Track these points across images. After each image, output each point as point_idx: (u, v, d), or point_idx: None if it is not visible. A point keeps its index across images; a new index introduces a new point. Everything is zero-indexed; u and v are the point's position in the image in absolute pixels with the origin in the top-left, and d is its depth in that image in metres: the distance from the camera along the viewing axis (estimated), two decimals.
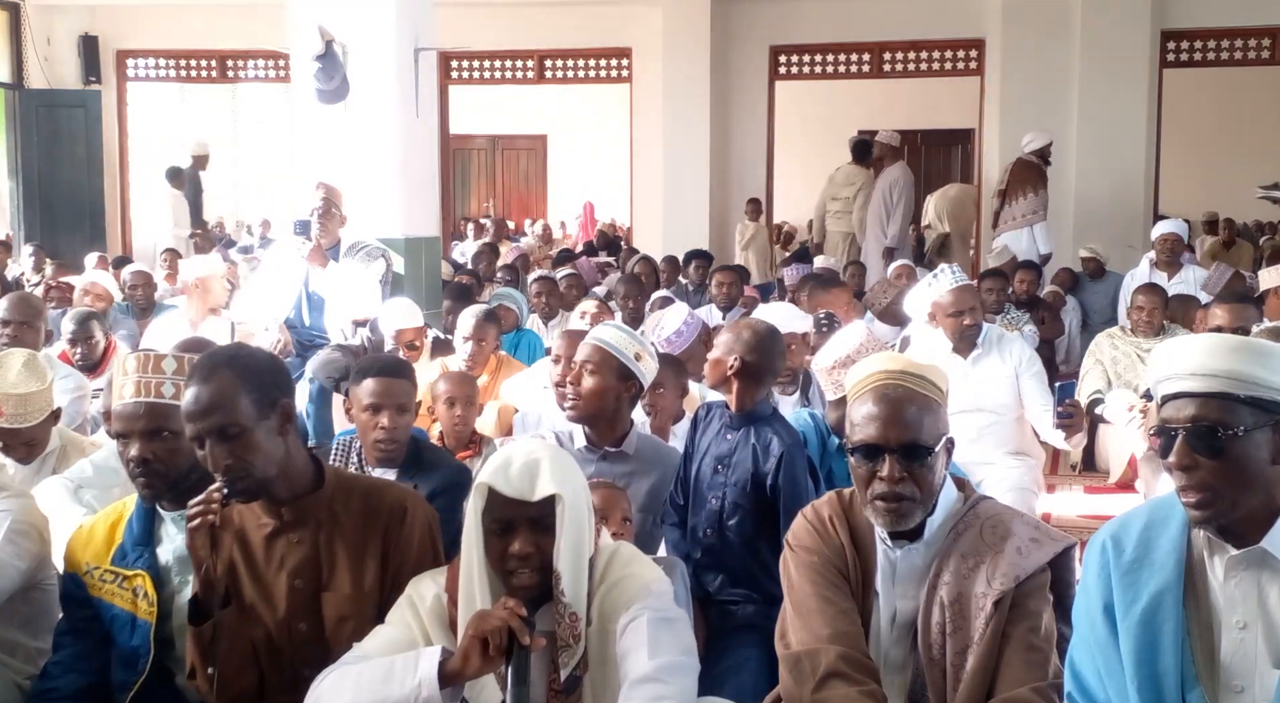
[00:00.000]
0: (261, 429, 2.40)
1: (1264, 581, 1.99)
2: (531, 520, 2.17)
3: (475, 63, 12.70)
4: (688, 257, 9.37)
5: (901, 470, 2.25)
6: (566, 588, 2.17)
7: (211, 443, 2.36)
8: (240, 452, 2.37)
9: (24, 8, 12.25)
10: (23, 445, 3.74)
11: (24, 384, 3.65)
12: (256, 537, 2.50)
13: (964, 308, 4.91)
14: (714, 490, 3.38)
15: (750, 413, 3.40)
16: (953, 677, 2.22)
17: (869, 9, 11.64)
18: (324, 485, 2.53)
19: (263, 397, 2.41)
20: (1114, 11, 10.69)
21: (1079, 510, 5.61)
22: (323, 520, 2.50)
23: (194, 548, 2.38)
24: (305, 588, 2.47)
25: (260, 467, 2.40)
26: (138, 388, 2.60)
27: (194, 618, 2.40)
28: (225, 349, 2.67)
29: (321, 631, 2.45)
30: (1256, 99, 13.35)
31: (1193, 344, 2.01)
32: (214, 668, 2.39)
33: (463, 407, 4.14)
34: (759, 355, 3.39)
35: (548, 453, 2.23)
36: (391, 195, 7.13)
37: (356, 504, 2.52)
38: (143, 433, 2.59)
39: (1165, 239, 8.12)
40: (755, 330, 3.47)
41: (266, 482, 2.42)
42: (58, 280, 8.52)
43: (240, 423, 2.37)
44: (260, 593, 2.48)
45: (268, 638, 2.47)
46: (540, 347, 6.36)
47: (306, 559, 2.48)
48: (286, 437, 2.46)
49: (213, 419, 2.35)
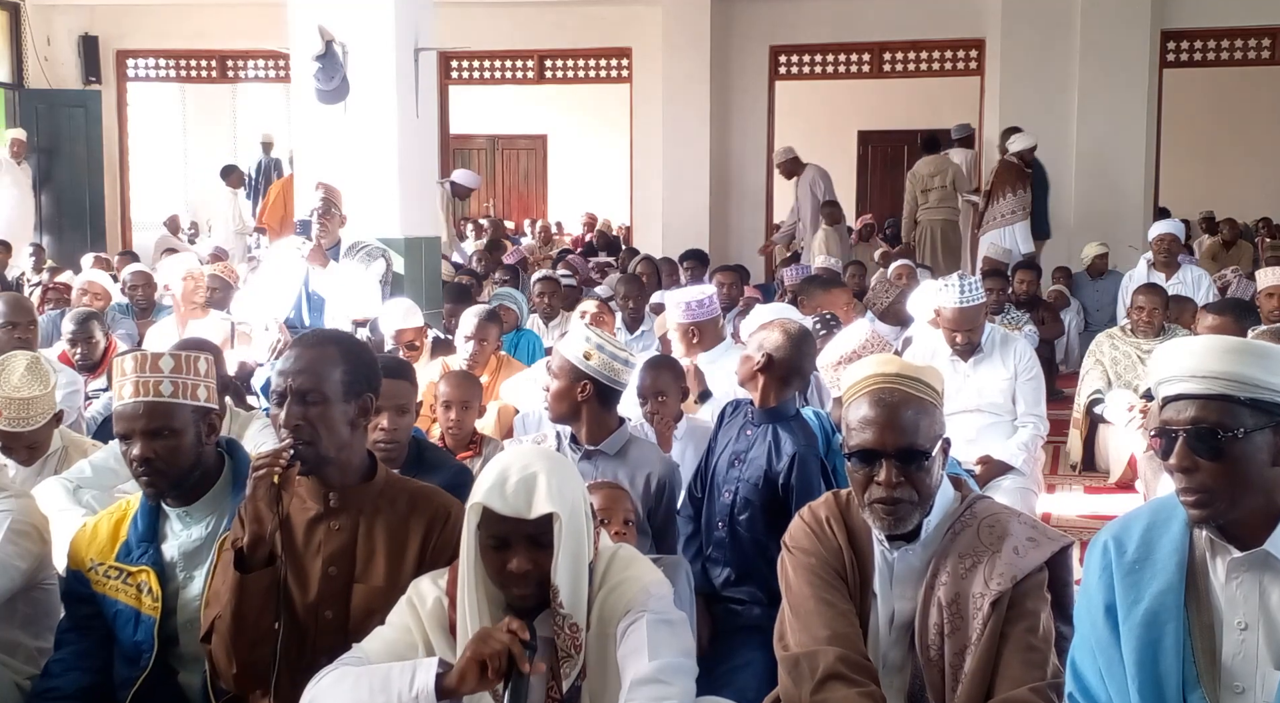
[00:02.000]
0: (339, 409, 2.48)
1: (1265, 582, 1.99)
2: (529, 537, 2.15)
3: (475, 63, 12.70)
4: (682, 257, 9.38)
5: (899, 475, 2.24)
6: (565, 600, 2.16)
7: (291, 401, 2.44)
8: (313, 418, 2.44)
9: (24, 8, 12.25)
10: (25, 448, 3.74)
11: (26, 388, 3.64)
12: (299, 519, 2.52)
13: (962, 328, 4.93)
14: (728, 485, 3.42)
15: (773, 411, 3.44)
16: (951, 677, 2.22)
17: (869, 9, 11.64)
18: (374, 481, 2.56)
19: (354, 382, 2.51)
20: (1114, 11, 10.69)
21: (1079, 510, 5.60)
22: (366, 512, 2.52)
23: (254, 497, 2.39)
24: (339, 576, 2.48)
25: (325, 442, 2.45)
26: (136, 387, 2.60)
27: (238, 565, 2.41)
28: (339, 332, 2.87)
29: (346, 620, 2.45)
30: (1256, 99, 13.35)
31: (1193, 346, 2.01)
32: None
33: (459, 411, 4.13)
34: (787, 355, 3.44)
35: (544, 466, 2.18)
36: (391, 195, 7.13)
37: (402, 503, 2.55)
38: (144, 432, 2.59)
39: (1162, 239, 8.11)
40: (787, 331, 3.52)
41: (326, 459, 2.47)
42: (54, 281, 8.51)
43: (324, 392, 2.46)
44: (294, 575, 2.49)
45: (293, 621, 2.47)
46: (540, 347, 6.36)
47: (344, 548, 2.50)
48: (356, 429, 2.53)
49: (301, 379, 2.45)
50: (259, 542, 2.41)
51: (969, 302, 4.90)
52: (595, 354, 3.47)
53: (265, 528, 2.40)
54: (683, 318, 4.96)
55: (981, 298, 5.00)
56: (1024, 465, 4.92)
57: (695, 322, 4.92)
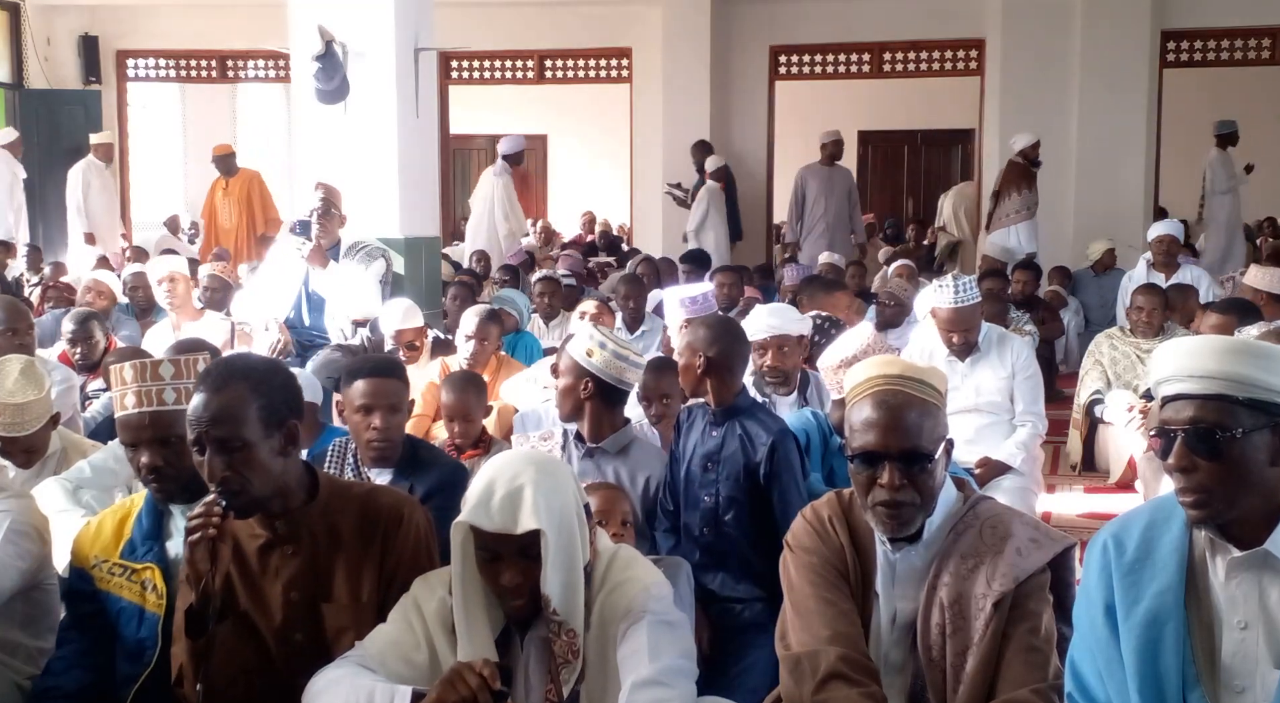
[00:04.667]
0: (265, 447, 2.35)
1: (1265, 581, 1.99)
2: (519, 550, 2.14)
3: (475, 63, 12.69)
4: (682, 258, 9.38)
5: (902, 478, 2.23)
6: (559, 608, 2.16)
7: (212, 452, 2.32)
8: (239, 466, 2.32)
9: (24, 8, 12.25)
10: (22, 452, 3.71)
11: (21, 393, 3.60)
12: (250, 547, 2.47)
13: (958, 328, 4.94)
14: (706, 489, 3.40)
15: (731, 407, 3.44)
16: (953, 678, 2.22)
17: (869, 9, 11.63)
18: (318, 498, 2.48)
19: (272, 415, 2.36)
20: (1114, 11, 10.68)
21: (1079, 510, 5.61)
22: (318, 533, 2.46)
23: (193, 561, 2.34)
24: (301, 600, 2.44)
25: (257, 485, 2.35)
26: (139, 397, 2.59)
27: (189, 631, 2.36)
28: (243, 360, 2.62)
29: (319, 642, 2.42)
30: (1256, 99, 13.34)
31: (1191, 346, 2.01)
32: (201, 684, 2.35)
33: (461, 424, 4.11)
34: (720, 347, 3.44)
35: (531, 476, 2.15)
36: (391, 195, 7.13)
37: (352, 515, 2.48)
38: (150, 441, 2.60)
39: (1161, 240, 8.10)
40: (709, 325, 3.55)
41: (262, 500, 2.38)
42: (56, 280, 8.51)
43: (245, 438, 2.32)
44: (255, 604, 2.45)
45: (263, 649, 2.45)
46: (538, 349, 6.35)
47: (301, 571, 2.45)
48: (287, 457, 2.41)
49: (217, 430, 2.30)
50: (207, 598, 2.37)
51: (964, 302, 4.91)
52: (598, 352, 3.48)
53: (211, 587, 2.36)
54: (682, 314, 5.01)
55: (977, 298, 5.00)
56: (1023, 465, 4.93)
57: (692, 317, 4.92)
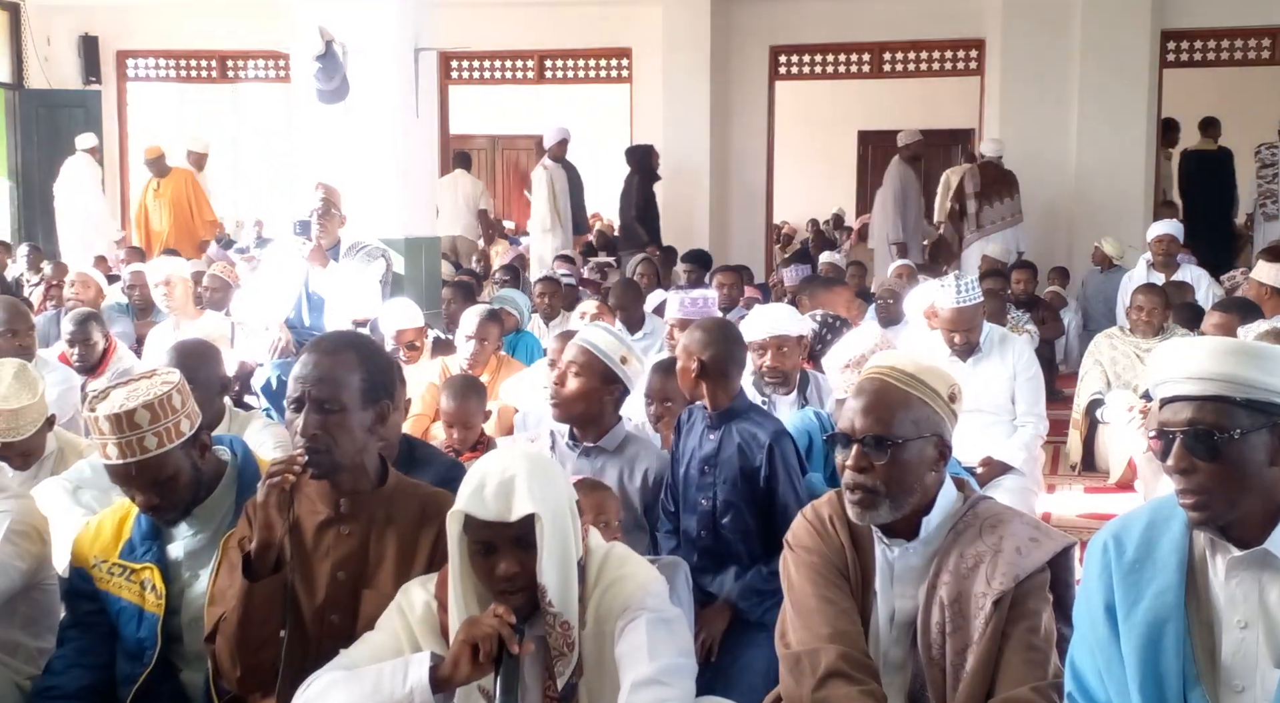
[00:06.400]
0: (357, 418, 2.45)
1: (1265, 580, 1.99)
2: (513, 539, 2.15)
3: (475, 63, 12.68)
4: (683, 258, 9.37)
5: (863, 460, 2.25)
6: (554, 599, 2.16)
7: (309, 410, 2.42)
8: (331, 427, 2.42)
9: (24, 8, 12.24)
10: (18, 456, 3.69)
11: (15, 398, 3.58)
12: (309, 523, 2.52)
13: (960, 328, 4.93)
14: (703, 492, 3.40)
15: (729, 410, 3.43)
16: (952, 676, 2.22)
17: (869, 9, 11.62)
18: (385, 485, 2.55)
19: (372, 388, 2.48)
20: (1114, 11, 10.67)
21: (1079, 510, 5.61)
22: (377, 518, 2.51)
23: (266, 505, 2.38)
24: (346, 582, 2.48)
25: (341, 450, 2.43)
26: (120, 449, 2.54)
27: (247, 572, 2.40)
28: (356, 335, 2.81)
29: (352, 625, 2.44)
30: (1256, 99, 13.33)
31: (1190, 347, 2.02)
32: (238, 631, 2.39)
33: (460, 429, 4.11)
34: (715, 350, 3.42)
35: (523, 467, 2.17)
36: (391, 195, 7.14)
37: (413, 509, 2.53)
38: (143, 486, 2.59)
39: (1160, 240, 8.10)
40: (704, 328, 3.52)
41: (340, 467, 2.46)
42: (58, 279, 8.50)
43: (343, 402, 2.43)
44: (302, 579, 2.49)
45: (299, 624, 2.47)
46: (538, 349, 6.35)
47: (353, 553, 2.49)
48: (373, 435, 2.51)
49: (318, 390, 2.42)
50: (268, 548, 2.40)
51: (966, 302, 4.90)
52: (631, 360, 3.51)
53: (275, 535, 2.40)
54: (677, 313, 5.04)
55: (979, 298, 4.99)
56: (1024, 465, 4.93)
57: (686, 317, 4.91)
